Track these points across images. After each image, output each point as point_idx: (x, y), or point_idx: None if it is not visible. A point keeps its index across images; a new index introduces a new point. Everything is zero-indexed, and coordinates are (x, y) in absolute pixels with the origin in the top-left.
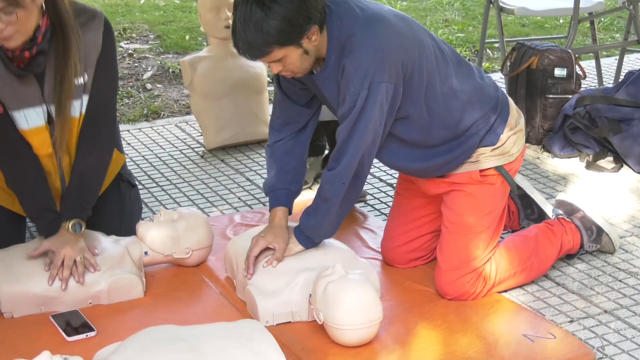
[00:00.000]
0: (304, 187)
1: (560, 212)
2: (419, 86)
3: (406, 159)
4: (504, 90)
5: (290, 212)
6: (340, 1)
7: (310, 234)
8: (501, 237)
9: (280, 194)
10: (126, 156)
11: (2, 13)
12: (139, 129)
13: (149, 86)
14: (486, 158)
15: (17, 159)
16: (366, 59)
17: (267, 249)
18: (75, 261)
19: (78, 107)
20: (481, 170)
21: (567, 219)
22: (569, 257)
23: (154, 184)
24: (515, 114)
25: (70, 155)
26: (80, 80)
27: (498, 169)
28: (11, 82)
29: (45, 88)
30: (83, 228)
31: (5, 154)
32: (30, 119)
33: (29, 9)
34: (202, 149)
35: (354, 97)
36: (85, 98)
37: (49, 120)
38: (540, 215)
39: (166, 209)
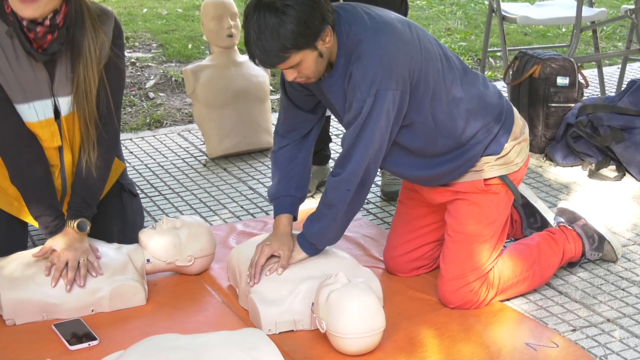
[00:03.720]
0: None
1: (562, 220)
2: (425, 94)
3: (411, 167)
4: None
5: (295, 219)
6: (347, 6)
7: (314, 241)
8: (504, 246)
9: (284, 200)
10: (127, 164)
11: None
12: (142, 137)
13: (151, 95)
14: (490, 167)
15: (22, 155)
16: (373, 67)
17: (272, 256)
18: (78, 263)
19: None
20: (485, 180)
21: (569, 227)
22: (570, 266)
23: (157, 193)
24: (520, 123)
25: (73, 151)
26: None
27: (502, 178)
28: (21, 74)
29: (56, 81)
30: (88, 227)
31: (11, 149)
32: (40, 112)
33: None
34: (205, 157)
35: (360, 104)
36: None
37: (56, 114)
38: (543, 224)
39: (168, 217)
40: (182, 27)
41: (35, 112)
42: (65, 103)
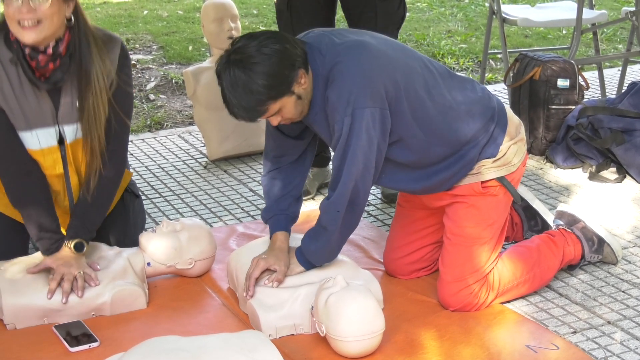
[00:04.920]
0: (307, 197)
1: (561, 222)
2: (409, 109)
3: (407, 181)
4: (504, 101)
5: (289, 234)
6: (319, 35)
7: (310, 259)
8: (503, 248)
9: (279, 218)
10: (132, 172)
11: None
12: (142, 139)
13: (152, 97)
14: (487, 170)
15: (23, 180)
16: (347, 86)
17: (266, 270)
18: (75, 276)
19: None
20: (483, 182)
21: (568, 230)
22: (570, 268)
23: (157, 195)
24: (515, 123)
25: (80, 175)
26: None
27: (500, 180)
28: (25, 102)
29: (61, 109)
30: (85, 249)
31: (13, 174)
32: (43, 139)
33: (62, 4)
34: (205, 159)
35: (340, 126)
36: None
37: (60, 141)
38: (544, 227)
39: (169, 219)
40: (183, 29)
41: (37, 140)
42: (70, 131)
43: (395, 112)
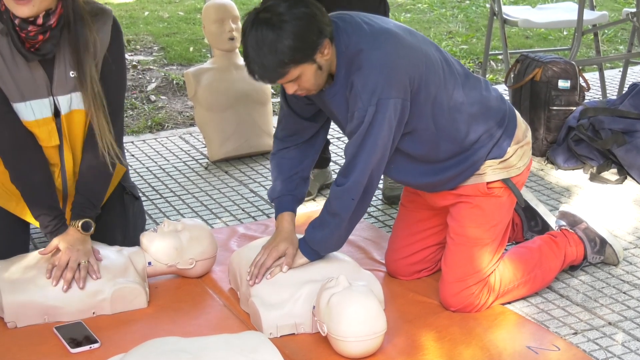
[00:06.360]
0: (307, 198)
1: (563, 223)
2: (426, 100)
3: (414, 174)
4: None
5: (295, 215)
6: (346, 16)
7: (316, 248)
8: (505, 249)
9: (286, 199)
10: (129, 167)
11: None
12: (143, 140)
13: (153, 98)
14: (493, 171)
15: (21, 154)
16: (374, 76)
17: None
18: (79, 264)
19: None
20: (488, 183)
21: (570, 230)
22: (572, 269)
23: (158, 196)
24: (523, 127)
25: (75, 150)
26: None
27: (505, 181)
28: (17, 73)
29: (55, 80)
30: (92, 228)
31: (9, 149)
32: (37, 110)
33: None
34: (206, 160)
35: (362, 114)
36: None
37: (56, 113)
38: (544, 228)
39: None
40: (184, 30)
41: (32, 111)
42: (65, 102)
43: (414, 103)
